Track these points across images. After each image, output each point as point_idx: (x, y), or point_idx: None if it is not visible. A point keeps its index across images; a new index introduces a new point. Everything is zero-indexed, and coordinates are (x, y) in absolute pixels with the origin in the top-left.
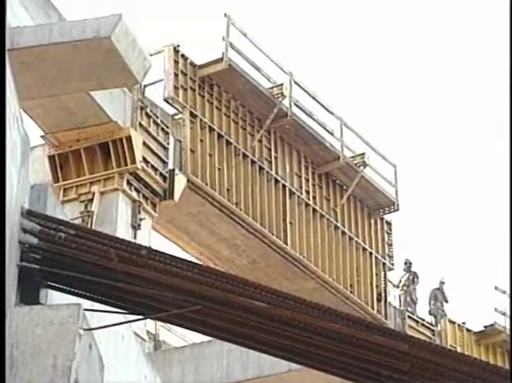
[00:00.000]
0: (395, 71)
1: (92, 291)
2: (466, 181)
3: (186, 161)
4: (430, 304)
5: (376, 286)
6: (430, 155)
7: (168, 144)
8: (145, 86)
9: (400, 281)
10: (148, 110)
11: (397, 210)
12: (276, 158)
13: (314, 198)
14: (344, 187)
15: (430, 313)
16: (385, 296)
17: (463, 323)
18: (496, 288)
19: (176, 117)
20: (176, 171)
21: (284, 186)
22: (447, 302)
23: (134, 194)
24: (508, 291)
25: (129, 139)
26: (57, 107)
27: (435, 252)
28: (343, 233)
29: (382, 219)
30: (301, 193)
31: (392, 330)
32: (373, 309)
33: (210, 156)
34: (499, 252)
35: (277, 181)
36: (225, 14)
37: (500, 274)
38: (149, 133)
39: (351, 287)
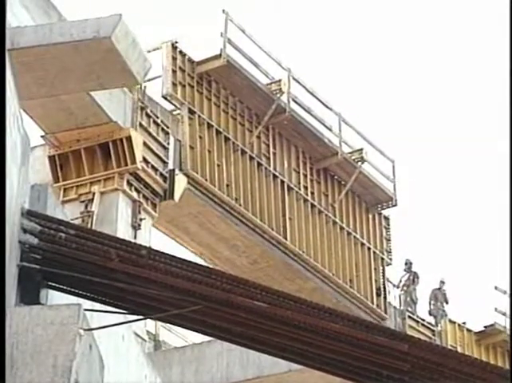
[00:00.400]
0: (394, 68)
1: (92, 291)
2: (465, 180)
3: (185, 158)
4: (430, 304)
5: (375, 281)
6: (429, 152)
7: (168, 144)
8: (145, 86)
9: (401, 281)
10: (149, 110)
11: (395, 205)
12: (274, 154)
13: (312, 193)
14: (343, 183)
15: (430, 314)
16: (384, 290)
17: (464, 323)
18: (496, 288)
19: (174, 113)
20: (176, 171)
21: (282, 181)
22: (447, 302)
23: (134, 194)
24: (508, 291)
25: (129, 139)
26: (57, 107)
27: (435, 252)
28: (341, 228)
29: (380, 214)
30: (300, 189)
31: (392, 330)
32: (373, 303)
33: (209, 153)
34: (499, 252)
35: (275, 177)
36: (223, 11)
37: (500, 274)
38: (149, 133)
39: (350, 282)
